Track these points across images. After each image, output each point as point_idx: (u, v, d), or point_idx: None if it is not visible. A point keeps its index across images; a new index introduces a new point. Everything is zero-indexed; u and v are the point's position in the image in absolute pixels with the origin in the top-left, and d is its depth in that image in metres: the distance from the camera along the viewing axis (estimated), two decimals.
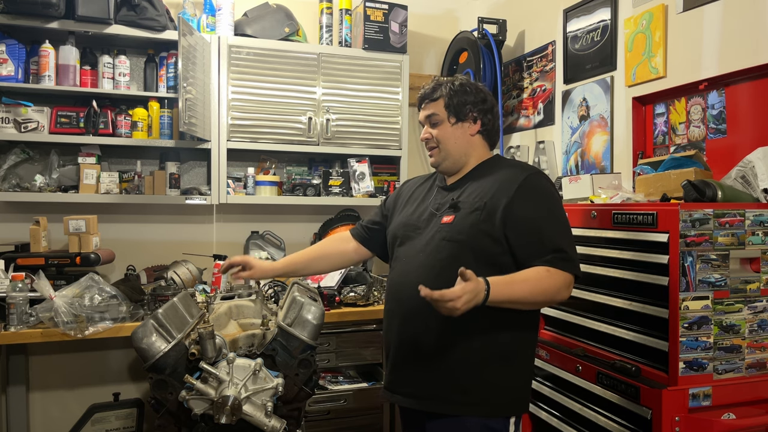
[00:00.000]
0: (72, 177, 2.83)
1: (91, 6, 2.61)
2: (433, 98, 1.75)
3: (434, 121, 1.75)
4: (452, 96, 1.72)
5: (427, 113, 1.76)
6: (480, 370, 1.59)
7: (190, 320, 1.75)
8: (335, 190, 3.14)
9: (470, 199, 1.66)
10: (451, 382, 1.60)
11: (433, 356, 1.62)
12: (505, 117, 3.25)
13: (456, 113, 1.73)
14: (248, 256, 2.08)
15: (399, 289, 1.72)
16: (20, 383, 2.66)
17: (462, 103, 1.72)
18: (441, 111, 1.74)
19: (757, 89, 1.94)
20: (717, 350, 1.62)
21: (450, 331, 1.60)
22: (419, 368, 1.65)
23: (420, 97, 1.79)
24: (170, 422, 1.61)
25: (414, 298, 1.64)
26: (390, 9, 3.14)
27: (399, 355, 1.70)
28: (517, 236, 1.58)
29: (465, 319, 1.51)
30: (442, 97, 1.73)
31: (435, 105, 1.74)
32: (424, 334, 1.63)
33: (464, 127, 1.74)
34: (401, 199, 1.90)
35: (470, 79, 1.82)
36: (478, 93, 1.75)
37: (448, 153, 1.74)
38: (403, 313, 1.68)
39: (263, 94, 2.95)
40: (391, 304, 1.76)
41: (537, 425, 2.14)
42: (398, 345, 1.70)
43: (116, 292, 2.40)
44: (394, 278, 1.77)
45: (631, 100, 2.38)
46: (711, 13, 2.06)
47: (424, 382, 1.64)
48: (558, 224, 1.61)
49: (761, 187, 1.73)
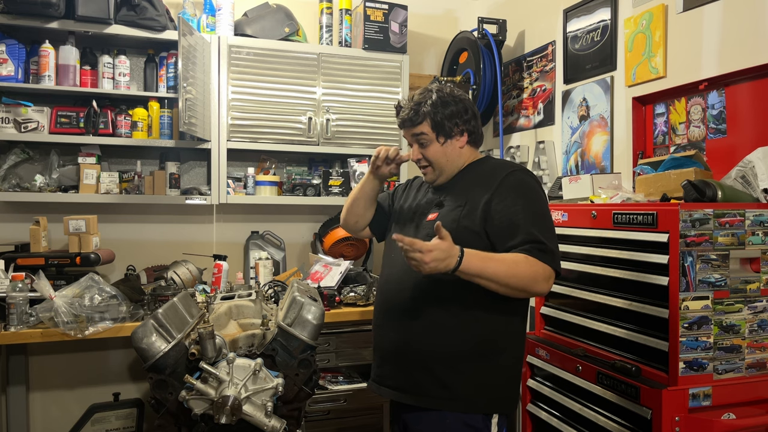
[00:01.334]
0: (72, 177, 2.83)
1: (91, 6, 2.61)
2: (417, 122, 1.72)
3: (422, 140, 1.73)
4: (436, 113, 1.70)
5: (414, 132, 1.74)
6: (461, 366, 1.61)
7: (190, 320, 1.75)
8: (335, 190, 3.14)
9: (453, 197, 1.70)
10: (432, 376, 1.62)
11: (415, 351, 1.65)
12: (505, 117, 3.25)
13: (444, 132, 1.72)
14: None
15: (386, 285, 1.76)
16: (20, 383, 2.65)
17: (447, 118, 1.71)
18: (428, 131, 1.72)
19: (757, 89, 1.94)
20: (717, 350, 1.62)
21: (433, 327, 1.63)
22: (403, 362, 1.68)
23: (402, 121, 1.76)
24: (170, 422, 1.61)
25: (398, 294, 1.70)
26: (390, 9, 3.14)
27: (384, 348, 1.74)
28: (495, 229, 1.60)
29: (448, 315, 1.58)
30: (427, 116, 1.71)
31: (421, 126, 1.72)
32: (407, 328, 1.66)
33: (453, 143, 1.74)
34: (406, 194, 1.94)
35: (443, 85, 1.79)
36: (458, 103, 1.73)
37: (442, 170, 1.76)
38: (389, 308, 1.72)
39: (263, 94, 2.95)
40: (378, 298, 1.81)
41: (537, 425, 2.14)
42: (383, 338, 1.74)
43: (116, 292, 2.40)
44: (384, 274, 1.81)
45: (631, 100, 2.37)
46: (711, 13, 2.06)
47: (407, 376, 1.67)
48: (537, 217, 1.61)
49: (761, 187, 1.73)
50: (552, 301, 2.14)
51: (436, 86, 1.77)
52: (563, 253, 2.04)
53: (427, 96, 1.72)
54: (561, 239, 2.04)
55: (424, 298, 1.65)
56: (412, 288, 1.66)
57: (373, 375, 1.80)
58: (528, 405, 2.16)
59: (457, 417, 1.61)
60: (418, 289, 1.65)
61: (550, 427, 2.02)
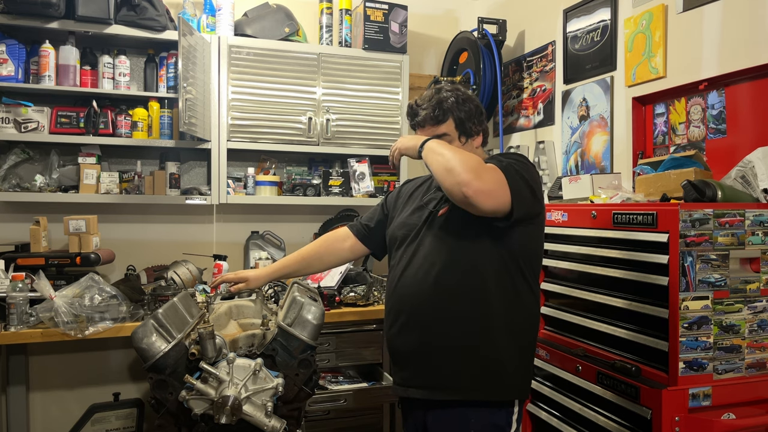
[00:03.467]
0: (72, 177, 2.83)
1: (91, 6, 2.61)
2: (441, 120, 1.70)
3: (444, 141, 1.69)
4: (460, 110, 1.69)
5: (438, 133, 1.70)
6: (483, 357, 1.60)
7: (190, 320, 1.75)
8: (335, 190, 3.14)
9: None
10: (457, 370, 1.61)
11: (438, 347, 1.63)
12: (505, 117, 3.25)
13: (465, 131, 1.72)
14: (241, 270, 2.07)
15: (399, 287, 1.73)
16: (20, 383, 2.65)
17: (468, 118, 1.71)
18: (452, 131, 1.71)
19: (757, 89, 1.94)
20: (717, 350, 1.62)
21: (457, 321, 1.61)
22: (428, 361, 1.65)
23: (423, 120, 1.71)
24: (170, 422, 1.61)
25: (416, 294, 1.67)
26: (390, 9, 3.14)
27: (405, 351, 1.71)
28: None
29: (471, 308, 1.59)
30: (450, 113, 1.69)
31: (446, 125, 1.70)
32: (430, 327, 1.64)
33: (471, 144, 1.74)
34: (401, 199, 1.91)
35: (456, 85, 1.77)
36: (472, 101, 1.73)
37: None
38: (406, 309, 1.69)
39: (263, 94, 2.95)
40: (393, 300, 1.76)
41: (537, 425, 2.14)
42: (403, 341, 1.71)
43: (116, 292, 2.40)
44: (395, 275, 1.77)
45: (631, 100, 2.38)
46: (711, 13, 2.06)
47: (434, 374, 1.65)
48: (521, 167, 1.57)
49: (761, 187, 1.73)
50: (552, 301, 2.14)
51: (448, 86, 1.75)
52: (563, 254, 2.05)
53: (445, 94, 1.71)
54: (561, 239, 2.06)
55: (445, 295, 1.63)
56: (431, 286, 1.63)
57: (397, 379, 1.76)
58: (528, 405, 2.15)
59: (483, 407, 1.60)
60: (439, 287, 1.63)
61: (550, 427, 2.02)
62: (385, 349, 2.75)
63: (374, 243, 1.99)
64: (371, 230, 1.99)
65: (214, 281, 1.99)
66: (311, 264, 2.03)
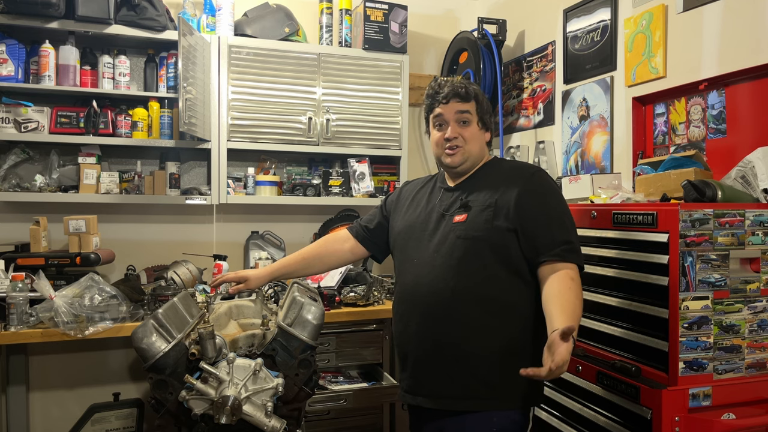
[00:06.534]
0: (72, 177, 2.83)
1: (91, 6, 2.61)
2: (467, 98, 1.73)
3: (465, 119, 1.72)
4: (482, 101, 1.75)
5: (461, 109, 1.71)
6: (501, 364, 1.61)
7: (190, 320, 1.75)
8: (335, 190, 3.14)
9: (480, 198, 1.69)
10: (476, 378, 1.61)
11: (455, 355, 1.63)
12: (505, 117, 3.25)
13: (483, 120, 1.76)
14: (241, 270, 2.07)
15: (414, 290, 1.71)
16: (20, 383, 2.65)
17: (486, 111, 1.76)
18: (473, 113, 1.74)
19: (757, 89, 1.94)
20: (717, 350, 1.62)
21: (469, 330, 1.62)
22: (442, 368, 1.65)
23: (451, 93, 1.71)
24: (170, 422, 1.61)
25: (431, 300, 1.65)
26: (390, 9, 3.14)
27: (419, 356, 1.70)
28: (527, 229, 1.62)
29: (482, 317, 1.59)
30: (474, 97, 1.73)
31: (470, 104, 1.73)
32: (444, 333, 1.64)
33: (484, 135, 1.78)
34: (402, 202, 1.90)
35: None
36: (487, 100, 1.79)
37: (470, 154, 1.74)
38: (421, 313, 1.68)
39: (263, 94, 2.95)
40: (406, 305, 1.74)
41: (537, 425, 2.14)
42: (417, 346, 1.70)
43: (116, 292, 2.40)
44: (407, 280, 1.75)
45: (631, 100, 2.38)
46: (711, 13, 2.06)
47: (448, 381, 1.64)
48: (566, 218, 1.65)
49: (761, 187, 1.73)
50: None
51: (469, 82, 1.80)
52: None
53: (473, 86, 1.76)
54: None
55: (461, 301, 1.62)
56: (448, 292, 1.63)
57: (405, 386, 1.75)
58: None
59: (502, 415, 1.61)
60: (456, 293, 1.62)
61: (550, 427, 2.02)
62: (386, 349, 2.75)
63: (374, 245, 1.99)
64: (371, 232, 1.99)
65: (214, 281, 1.99)
66: (312, 264, 2.03)
